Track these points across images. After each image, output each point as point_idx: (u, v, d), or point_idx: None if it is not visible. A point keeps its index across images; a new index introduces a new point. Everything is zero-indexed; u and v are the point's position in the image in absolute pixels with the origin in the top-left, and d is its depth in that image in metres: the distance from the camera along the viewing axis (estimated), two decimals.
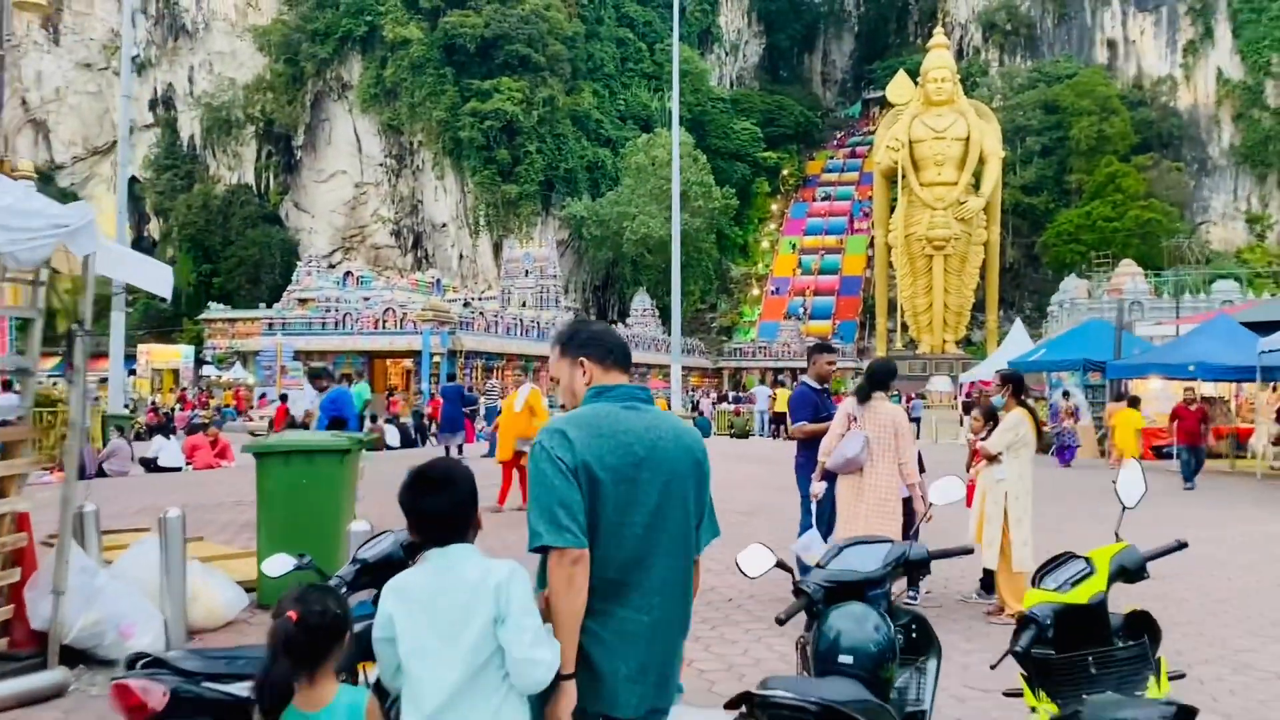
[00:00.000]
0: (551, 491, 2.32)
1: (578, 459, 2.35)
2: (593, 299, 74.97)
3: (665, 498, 2.45)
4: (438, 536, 2.36)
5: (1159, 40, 78.39)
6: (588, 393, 2.58)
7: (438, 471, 2.43)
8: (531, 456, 2.41)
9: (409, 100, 71.43)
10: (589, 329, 2.72)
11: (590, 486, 2.36)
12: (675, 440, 2.52)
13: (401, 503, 2.40)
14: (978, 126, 48.18)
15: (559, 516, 2.30)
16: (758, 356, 64.11)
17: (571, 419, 2.47)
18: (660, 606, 2.44)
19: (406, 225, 75.88)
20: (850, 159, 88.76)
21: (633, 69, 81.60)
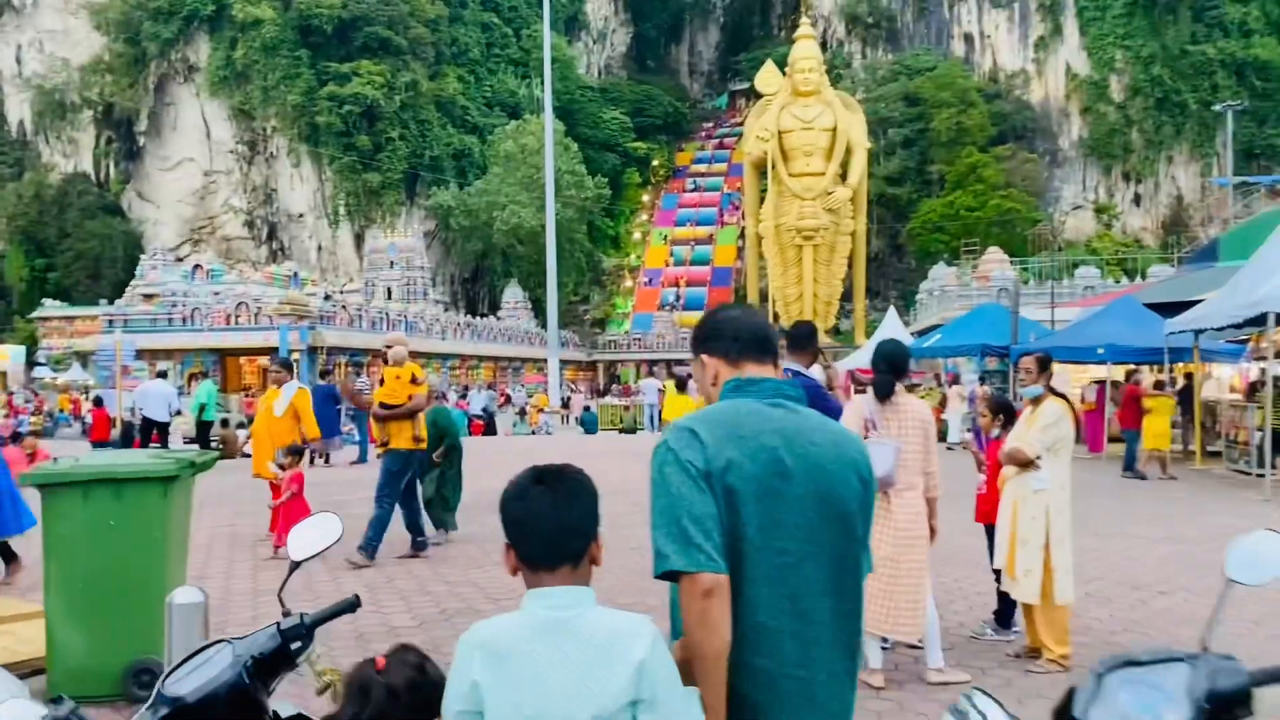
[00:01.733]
0: (678, 502, 1.88)
1: (711, 463, 1.91)
2: (462, 291, 73.18)
3: (822, 520, 1.98)
4: (550, 558, 1.80)
5: (1012, 35, 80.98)
6: (725, 386, 2.14)
7: (553, 471, 1.88)
8: (653, 461, 1.97)
9: (262, 84, 68.13)
10: (713, 318, 2.26)
11: (726, 499, 1.91)
12: (834, 450, 2.05)
13: (507, 509, 1.83)
14: (844, 117, 48.30)
15: (689, 533, 1.85)
16: (633, 349, 63.55)
17: (702, 416, 2.03)
18: (822, 660, 1.97)
19: (260, 216, 72.38)
20: (719, 150, 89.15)
21: (499, 54, 79.95)
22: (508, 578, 6.26)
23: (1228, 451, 13.66)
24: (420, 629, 5.95)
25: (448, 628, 5.93)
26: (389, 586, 7.14)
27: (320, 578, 7.37)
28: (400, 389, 8.17)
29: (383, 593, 6.95)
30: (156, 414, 13.97)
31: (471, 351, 52.34)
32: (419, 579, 7.33)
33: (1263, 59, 71.95)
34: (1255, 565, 1.83)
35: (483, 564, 7.71)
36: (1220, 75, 73.04)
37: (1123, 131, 75.16)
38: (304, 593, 6.73)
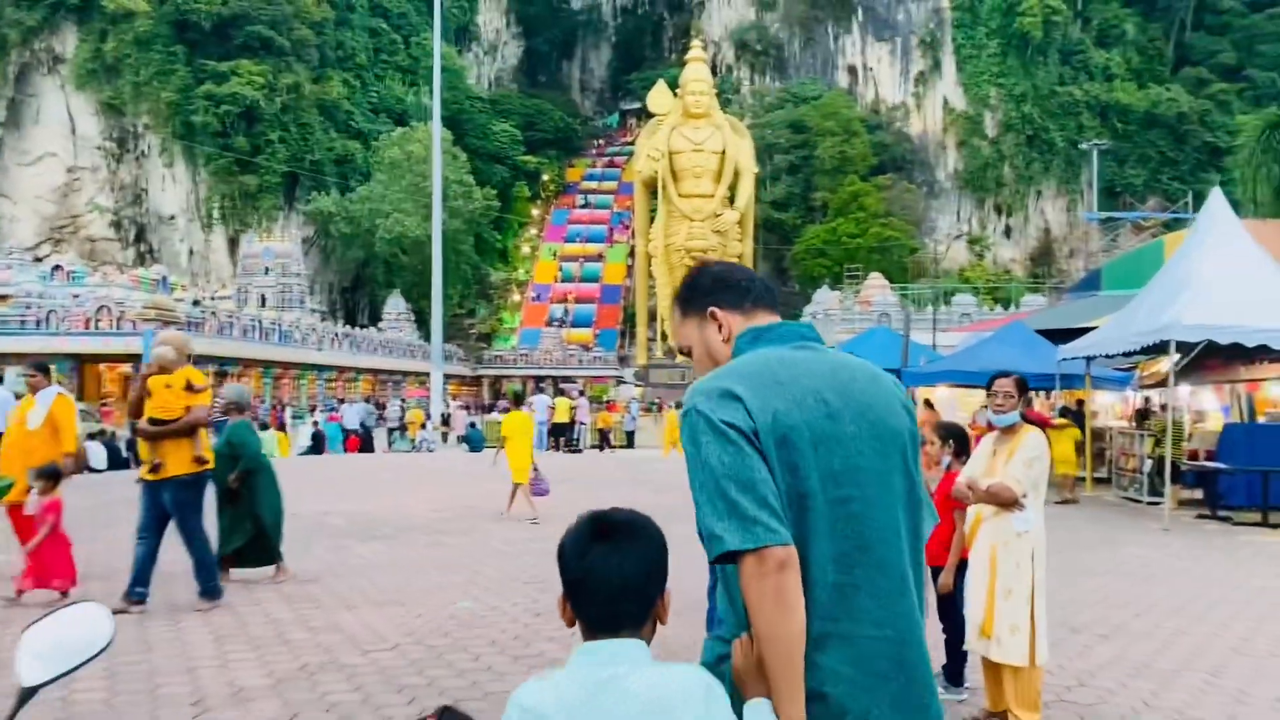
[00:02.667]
0: (723, 472, 1.65)
1: (757, 418, 1.70)
2: (341, 301, 71.12)
3: (881, 458, 1.79)
4: (610, 622, 1.61)
5: (894, 69, 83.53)
6: (739, 339, 1.92)
7: (621, 517, 1.67)
8: (683, 431, 1.74)
9: (133, 79, 65.06)
10: (709, 272, 2.03)
11: (780, 453, 1.70)
12: (874, 384, 1.87)
13: (565, 565, 1.63)
14: (733, 142, 49.19)
15: (741, 505, 1.62)
16: (519, 364, 62.78)
17: (730, 370, 1.80)
18: (905, 617, 1.77)
19: (128, 216, 68.96)
20: (609, 168, 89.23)
21: (386, 61, 78.46)
22: (382, 624, 5.58)
23: (1117, 479, 13.97)
24: (274, 689, 4.74)
25: (308, 688, 4.75)
26: (240, 635, 5.77)
27: (157, 625, 5.93)
28: (173, 400, 6.61)
29: (232, 643, 5.60)
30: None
31: (349, 363, 50.79)
32: (277, 624, 6.00)
33: (1124, 102, 76.07)
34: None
35: (356, 604, 6.45)
36: (1085, 116, 76.91)
37: (995, 166, 78.24)
38: (134, 646, 5.44)
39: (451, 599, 6.39)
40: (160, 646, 5.50)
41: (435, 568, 7.52)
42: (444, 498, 12.21)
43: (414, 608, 6.22)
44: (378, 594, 6.60)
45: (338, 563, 7.78)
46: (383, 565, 7.50)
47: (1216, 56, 78.95)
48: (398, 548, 8.24)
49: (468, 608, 6.23)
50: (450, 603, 6.32)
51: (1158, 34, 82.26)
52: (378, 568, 7.44)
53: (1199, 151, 75.80)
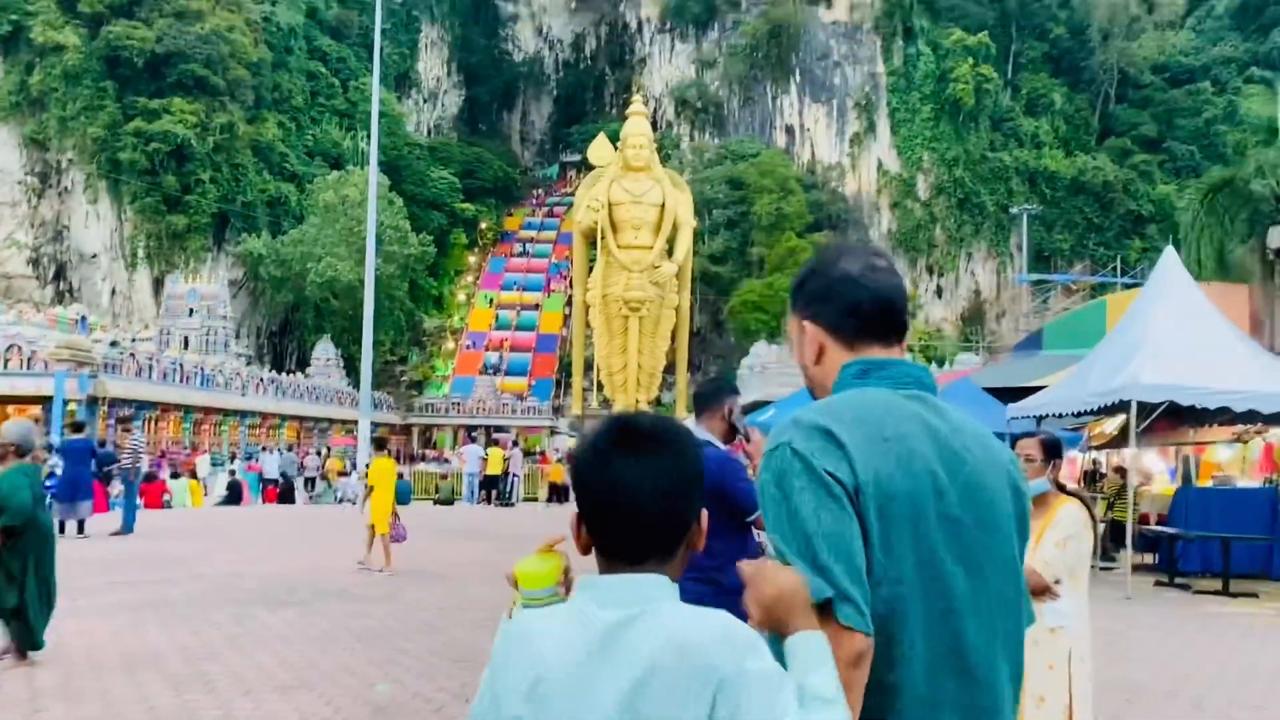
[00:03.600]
0: (819, 529, 1.37)
1: (861, 478, 1.41)
2: (269, 345, 69.41)
3: (988, 548, 1.50)
4: (634, 550, 1.33)
5: (830, 130, 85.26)
6: (844, 370, 1.59)
7: (647, 426, 1.39)
8: (768, 471, 1.44)
9: (59, 113, 63.43)
10: (826, 272, 1.64)
11: (876, 524, 1.41)
12: (986, 453, 1.55)
13: (581, 481, 1.36)
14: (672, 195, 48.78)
15: (835, 574, 1.35)
16: (451, 413, 61.64)
17: (833, 409, 1.49)
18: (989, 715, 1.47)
19: (48, 253, 66.76)
20: (548, 218, 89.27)
21: (324, 104, 77.67)
22: (286, 713, 4.66)
23: None
24: None
25: None
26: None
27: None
28: None
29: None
30: None
31: (274, 410, 49.28)
32: (155, 713, 4.80)
33: (1051, 169, 78.48)
34: None
35: (255, 688, 5.24)
36: (1015, 181, 79.14)
37: (927, 227, 79.89)
38: None
39: (369, 680, 5.60)
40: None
41: (352, 641, 6.70)
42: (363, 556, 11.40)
43: (324, 691, 5.43)
44: (283, 674, 5.78)
45: (241, 634, 6.83)
46: (292, 638, 6.64)
47: (1138, 128, 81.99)
48: (311, 616, 7.36)
49: (386, 691, 5.49)
50: (367, 685, 5.52)
51: (1084, 104, 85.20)
52: (286, 641, 6.59)
53: (1123, 219, 78.31)
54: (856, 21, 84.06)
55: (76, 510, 12.51)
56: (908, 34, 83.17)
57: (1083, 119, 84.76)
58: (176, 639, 6.27)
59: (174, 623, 6.82)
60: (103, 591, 8.22)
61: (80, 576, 9.09)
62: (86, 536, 12.53)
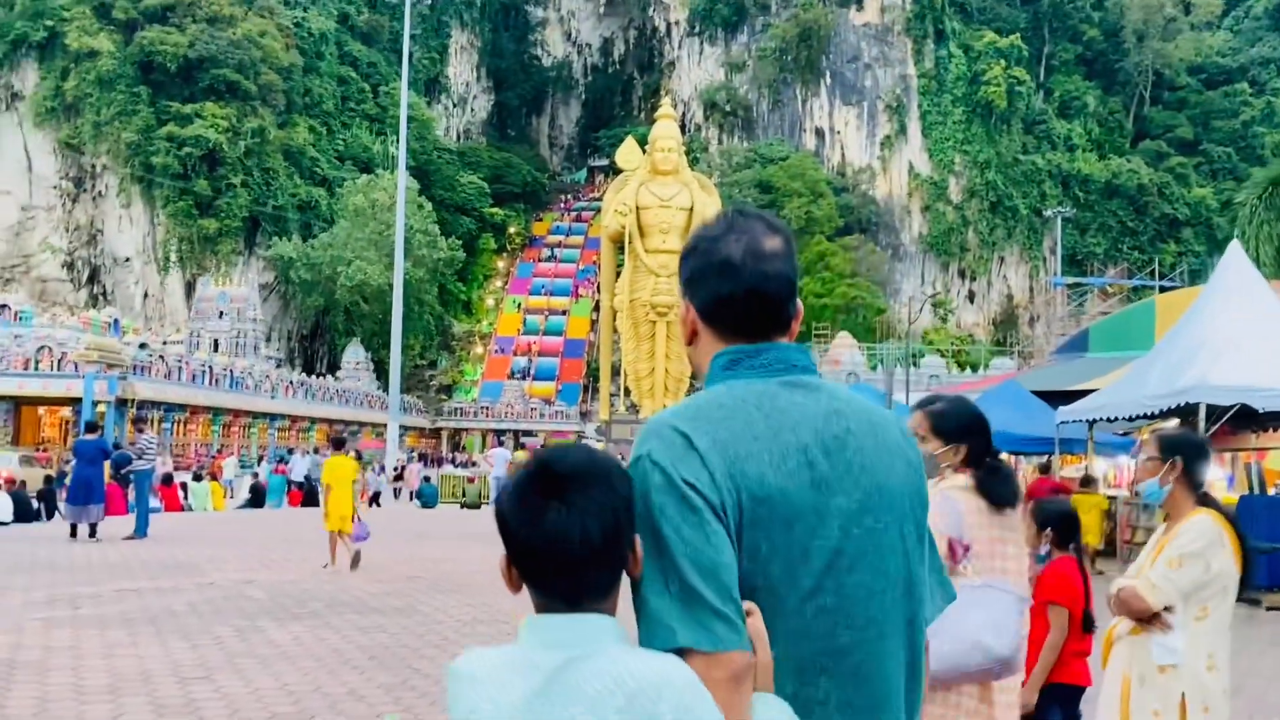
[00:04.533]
0: (684, 550, 1.31)
1: (721, 487, 1.34)
2: (299, 349, 69.69)
3: (871, 537, 1.43)
4: (571, 594, 1.31)
5: (860, 132, 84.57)
6: (714, 362, 1.50)
7: (576, 457, 1.35)
8: (641, 482, 1.36)
9: (94, 118, 64.09)
10: (709, 250, 1.50)
11: (744, 531, 1.35)
12: (874, 435, 1.47)
13: (511, 531, 1.32)
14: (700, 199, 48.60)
15: (700, 594, 1.30)
16: (479, 417, 61.60)
17: (694, 409, 1.43)
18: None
19: (82, 257, 67.44)
20: (576, 223, 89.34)
21: (354, 109, 78.05)
22: None
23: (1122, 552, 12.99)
24: None
25: None
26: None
27: None
28: None
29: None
30: None
31: (304, 413, 49.36)
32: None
33: (1085, 172, 77.28)
34: None
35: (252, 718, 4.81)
36: (1048, 184, 78.05)
37: (959, 231, 79.02)
38: None
39: (376, 707, 5.13)
40: None
41: (364, 659, 6.21)
42: (384, 563, 10.98)
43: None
44: (282, 701, 5.21)
45: (243, 652, 6.28)
46: (298, 656, 6.16)
47: (1174, 130, 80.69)
48: (322, 630, 6.90)
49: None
50: (373, 716, 5.04)
51: (1118, 107, 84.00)
52: (291, 660, 6.10)
53: (1158, 222, 77.00)
54: (887, 24, 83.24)
55: (88, 513, 12.22)
56: (939, 36, 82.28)
57: (1116, 121, 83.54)
58: (172, 656, 5.86)
59: (173, 637, 6.41)
60: (105, 600, 7.86)
61: (85, 583, 8.79)
62: (98, 540, 12.24)
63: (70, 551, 11.31)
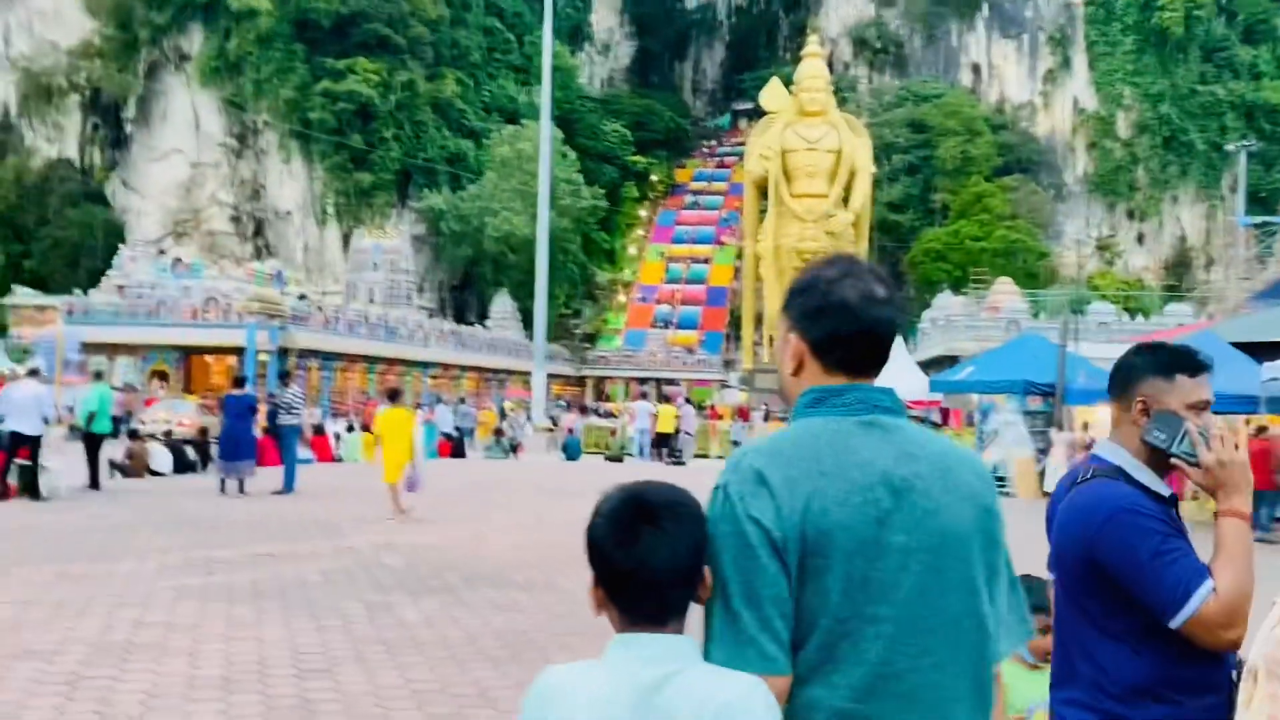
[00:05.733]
0: (734, 574, 1.47)
1: (786, 521, 1.48)
2: (450, 299, 71.33)
3: (932, 575, 1.53)
4: (657, 614, 1.46)
5: (1020, 67, 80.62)
6: (800, 399, 1.64)
7: (661, 499, 1.49)
8: (710, 508, 1.53)
9: (254, 76, 66.55)
10: (827, 292, 1.63)
11: (805, 561, 1.49)
12: (945, 478, 1.58)
13: (605, 556, 1.46)
14: (849, 140, 47.36)
15: (743, 621, 1.46)
16: (623, 366, 61.83)
17: (773, 447, 1.57)
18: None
19: (247, 211, 70.58)
20: (719, 169, 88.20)
21: (499, 60, 78.57)
22: None
23: None
24: None
25: None
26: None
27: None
28: None
29: None
30: (23, 424, 11.19)
31: (455, 361, 50.41)
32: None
33: (1272, 102, 71.22)
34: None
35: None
36: (1229, 117, 72.50)
37: (1128, 169, 74.71)
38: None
39: (508, 712, 4.52)
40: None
41: (496, 650, 5.68)
42: (527, 527, 10.64)
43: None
44: (404, 702, 4.68)
45: (371, 636, 5.78)
46: (427, 643, 5.71)
47: None
48: (456, 609, 6.50)
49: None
50: (506, 716, 4.50)
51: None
52: (420, 647, 5.63)
53: None
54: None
55: (237, 469, 12.35)
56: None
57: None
58: (295, 640, 5.54)
59: (299, 616, 6.12)
60: (238, 566, 7.71)
61: (224, 544, 8.71)
62: (246, 495, 12.37)
63: (216, 507, 11.44)
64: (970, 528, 1.57)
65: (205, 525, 9.87)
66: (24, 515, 10.38)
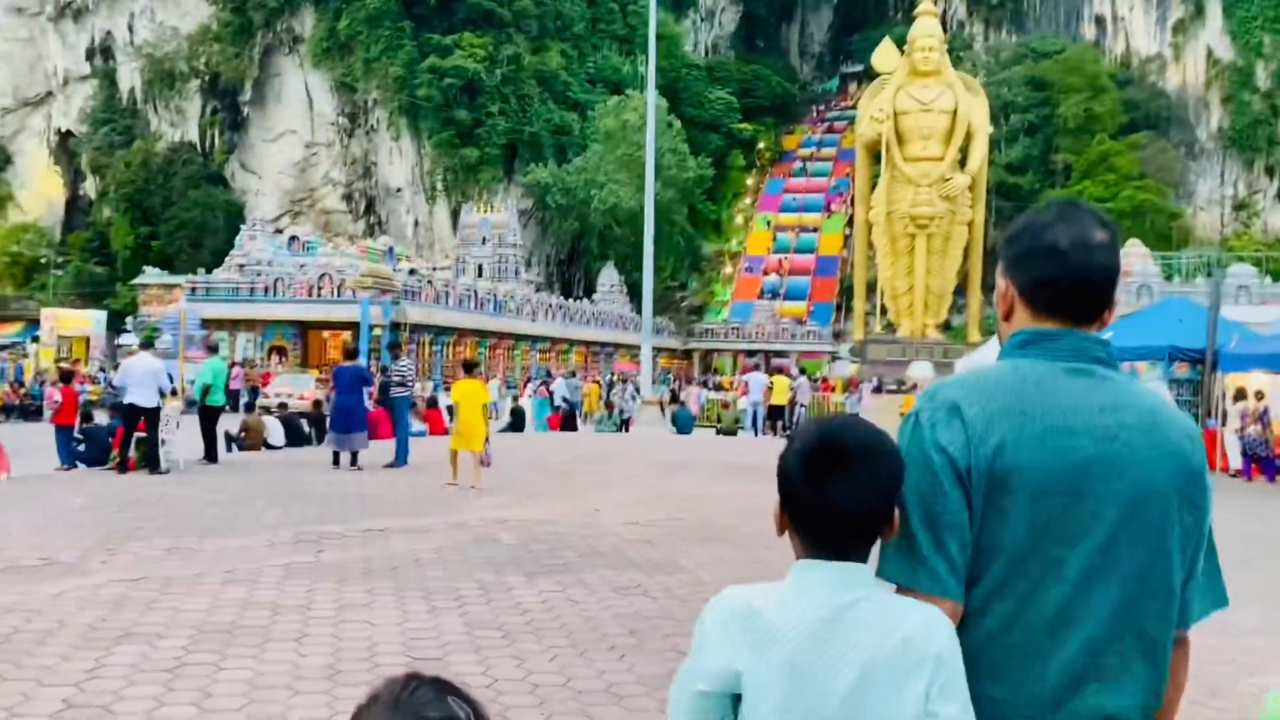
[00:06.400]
0: (916, 498, 1.51)
1: (976, 452, 1.50)
2: (557, 273, 71.59)
3: (1126, 528, 1.52)
4: (840, 547, 1.49)
5: (1149, 17, 76.65)
6: (1009, 340, 1.65)
7: (859, 436, 1.51)
8: (900, 433, 1.58)
9: (364, 55, 67.62)
10: (1037, 236, 1.62)
11: (992, 496, 1.50)
12: (1151, 434, 1.56)
13: (795, 493, 1.48)
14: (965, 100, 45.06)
15: (919, 542, 1.51)
16: (730, 338, 61.07)
17: (972, 381, 1.59)
18: (1098, 697, 1.50)
19: (359, 189, 72.00)
20: (828, 135, 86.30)
21: (604, 30, 78.07)
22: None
23: None
24: None
25: None
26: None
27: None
28: None
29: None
30: (140, 398, 11.23)
31: (562, 335, 50.50)
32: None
33: None
34: None
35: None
36: None
37: (1268, 122, 70.53)
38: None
39: (633, 717, 4.06)
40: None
41: (621, 638, 5.17)
42: (643, 503, 10.17)
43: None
44: (523, 698, 4.25)
45: (484, 621, 5.38)
46: (545, 629, 5.26)
47: None
48: (573, 589, 6.07)
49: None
50: (635, 716, 4.02)
51: None
52: (537, 634, 5.18)
53: None
54: None
55: (350, 440, 12.20)
56: None
57: None
58: (406, 625, 5.14)
59: (412, 597, 5.73)
60: (350, 542, 7.41)
61: (336, 518, 8.45)
62: (359, 469, 12.22)
63: (329, 481, 11.30)
64: (1170, 486, 1.53)
65: (317, 499, 9.69)
66: (141, 488, 10.40)
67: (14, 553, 6.68)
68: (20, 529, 7.75)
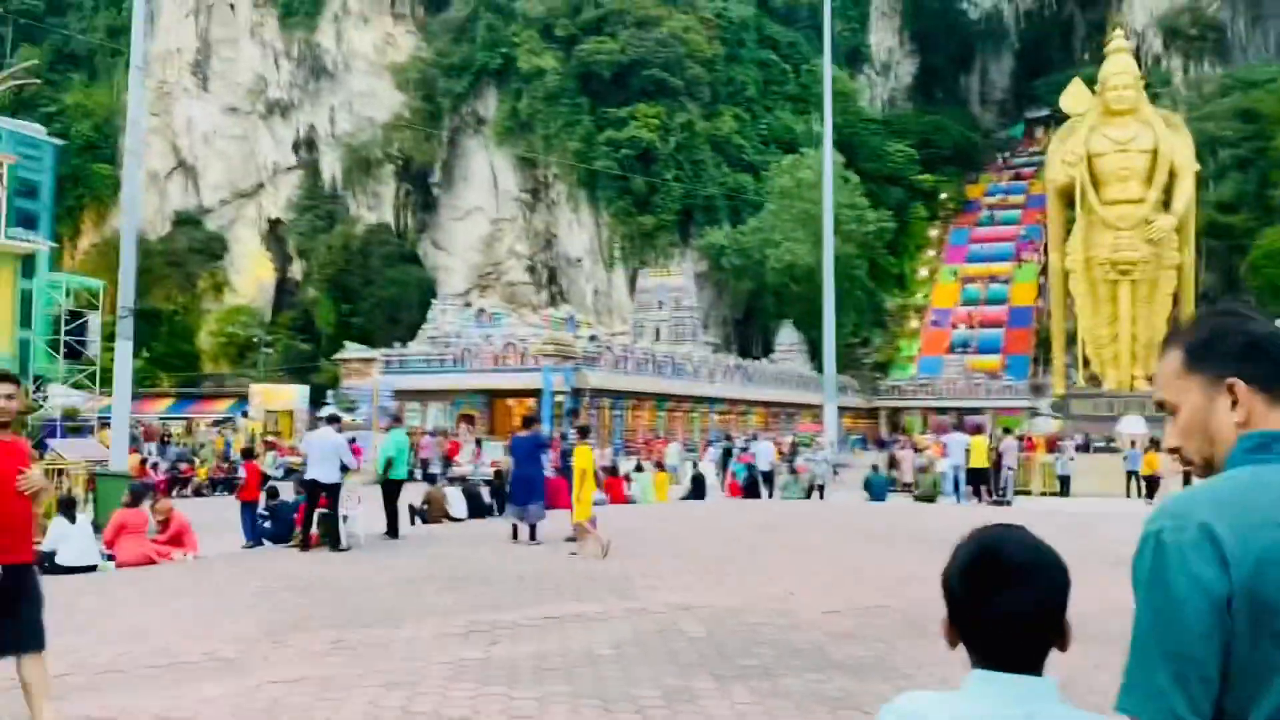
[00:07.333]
0: (1169, 632, 1.38)
1: (1235, 578, 1.36)
2: (734, 333, 71.09)
3: None
4: (1012, 659, 1.47)
5: None
6: (1239, 444, 1.50)
7: (1020, 552, 1.49)
8: (1140, 555, 1.44)
9: (544, 132, 70.03)
10: (1249, 330, 1.54)
11: (1259, 619, 1.36)
12: None
13: (963, 608, 1.48)
14: (1166, 138, 42.51)
15: (1154, 674, 1.38)
16: (918, 395, 58.72)
17: (1215, 494, 1.44)
18: None
19: (541, 260, 74.08)
20: (1015, 181, 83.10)
21: (776, 91, 78.16)
22: None
23: None
24: None
25: None
26: None
27: None
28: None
29: None
30: (321, 473, 11.20)
31: (741, 396, 49.64)
32: None
33: None
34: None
35: None
36: None
37: None
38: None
39: None
40: None
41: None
42: (842, 585, 9.18)
43: None
44: None
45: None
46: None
47: None
48: (771, 701, 5.11)
49: None
50: None
51: None
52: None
53: None
54: None
55: (528, 513, 11.74)
56: None
57: None
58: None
59: (586, 704, 5.02)
60: (523, 634, 6.77)
61: (511, 605, 7.85)
62: (539, 543, 11.72)
63: (507, 557, 10.85)
64: None
65: (494, 578, 9.21)
66: (320, 566, 10.23)
67: (179, 645, 6.43)
68: (191, 616, 7.59)
